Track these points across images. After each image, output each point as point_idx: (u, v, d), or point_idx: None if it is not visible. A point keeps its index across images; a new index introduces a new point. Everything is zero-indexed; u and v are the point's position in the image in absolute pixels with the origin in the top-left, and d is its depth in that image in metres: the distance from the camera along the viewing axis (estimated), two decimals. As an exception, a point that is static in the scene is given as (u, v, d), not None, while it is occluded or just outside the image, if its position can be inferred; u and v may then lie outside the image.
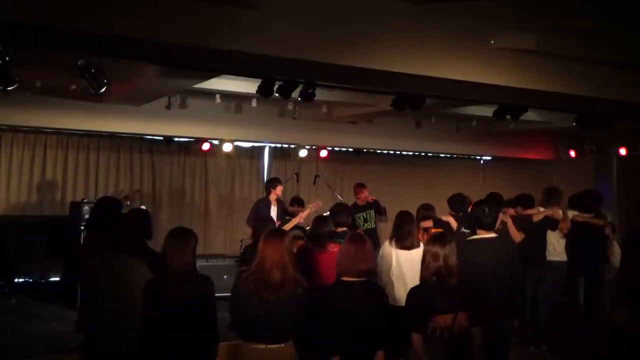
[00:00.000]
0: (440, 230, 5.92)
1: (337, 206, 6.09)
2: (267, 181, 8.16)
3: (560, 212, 6.78)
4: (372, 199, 8.76)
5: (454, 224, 6.20)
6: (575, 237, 6.93)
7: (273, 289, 3.60)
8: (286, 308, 3.62)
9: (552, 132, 11.37)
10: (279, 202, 7.96)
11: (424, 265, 3.94)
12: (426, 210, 6.45)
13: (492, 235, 4.80)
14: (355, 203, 8.76)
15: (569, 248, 6.96)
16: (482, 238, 4.77)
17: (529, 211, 6.74)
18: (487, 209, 4.78)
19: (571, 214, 7.01)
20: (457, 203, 6.58)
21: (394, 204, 9.30)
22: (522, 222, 6.26)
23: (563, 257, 6.93)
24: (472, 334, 3.88)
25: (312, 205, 7.73)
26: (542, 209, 6.80)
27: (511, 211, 6.48)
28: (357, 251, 3.84)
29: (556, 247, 6.88)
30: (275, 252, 3.67)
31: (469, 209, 7.86)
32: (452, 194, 6.75)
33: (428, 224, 6.24)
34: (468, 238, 4.97)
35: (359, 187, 8.95)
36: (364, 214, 8.61)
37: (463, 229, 5.96)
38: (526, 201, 6.92)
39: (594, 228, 7.09)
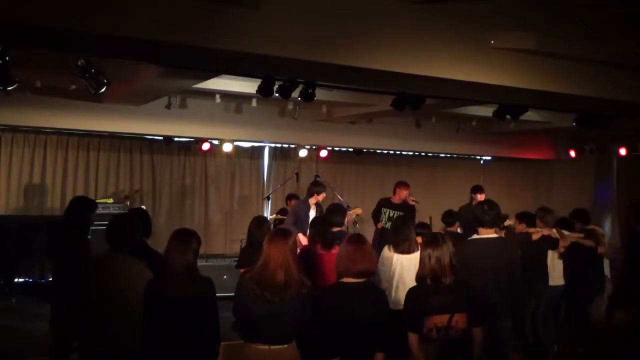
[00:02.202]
0: None
1: (333, 206, 6.12)
2: (312, 184, 7.85)
3: (555, 232, 6.64)
4: (413, 201, 8.29)
5: None
6: (568, 258, 6.73)
7: (277, 290, 3.59)
8: (290, 309, 3.62)
9: (552, 132, 11.38)
10: (317, 206, 7.69)
11: (420, 267, 3.99)
12: (420, 229, 6.45)
13: (494, 235, 4.81)
14: (390, 199, 8.40)
15: (564, 269, 6.76)
16: (482, 238, 4.78)
17: (530, 229, 6.53)
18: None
19: (565, 233, 6.77)
20: (446, 217, 7.00)
21: (394, 204, 9.34)
22: (520, 239, 6.22)
23: (560, 282, 6.69)
24: (473, 335, 3.88)
25: (353, 211, 7.73)
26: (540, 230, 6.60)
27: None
28: (356, 252, 3.83)
29: (552, 272, 6.64)
30: (279, 253, 3.65)
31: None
32: (445, 211, 7.11)
33: (418, 239, 6.30)
34: (469, 238, 4.99)
35: (403, 186, 8.34)
36: (390, 211, 8.21)
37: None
38: (529, 219, 6.67)
39: (586, 249, 6.80)
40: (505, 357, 4.76)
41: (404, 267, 5.25)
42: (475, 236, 4.86)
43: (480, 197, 8.14)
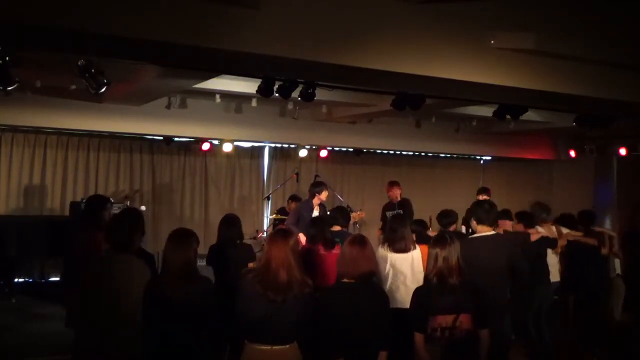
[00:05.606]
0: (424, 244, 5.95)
1: (337, 208, 6.17)
2: (312, 185, 7.85)
3: (554, 229, 6.69)
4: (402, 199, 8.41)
5: None
6: (570, 255, 6.79)
7: (280, 290, 3.58)
8: (292, 309, 3.60)
9: (552, 132, 11.38)
10: (321, 206, 7.66)
11: (427, 266, 4.00)
12: (415, 225, 6.35)
13: (492, 232, 4.86)
14: (388, 203, 8.62)
15: (563, 266, 6.78)
16: (481, 236, 4.82)
17: (529, 230, 6.49)
18: (486, 206, 4.87)
19: (564, 231, 6.88)
20: (442, 217, 6.55)
21: (394, 204, 9.33)
22: (519, 240, 6.22)
23: (556, 278, 6.75)
24: (480, 336, 3.87)
25: (356, 215, 7.65)
26: (540, 229, 6.61)
27: (507, 224, 6.52)
28: (358, 253, 3.83)
29: (551, 269, 6.66)
30: (280, 253, 3.64)
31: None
32: (440, 211, 6.67)
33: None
34: (470, 236, 5.02)
35: (394, 186, 8.65)
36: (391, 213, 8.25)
37: None
38: (528, 220, 6.63)
39: (588, 247, 6.84)
40: (505, 354, 4.77)
41: (399, 266, 5.24)
42: (474, 235, 4.91)
43: (486, 198, 8.21)
